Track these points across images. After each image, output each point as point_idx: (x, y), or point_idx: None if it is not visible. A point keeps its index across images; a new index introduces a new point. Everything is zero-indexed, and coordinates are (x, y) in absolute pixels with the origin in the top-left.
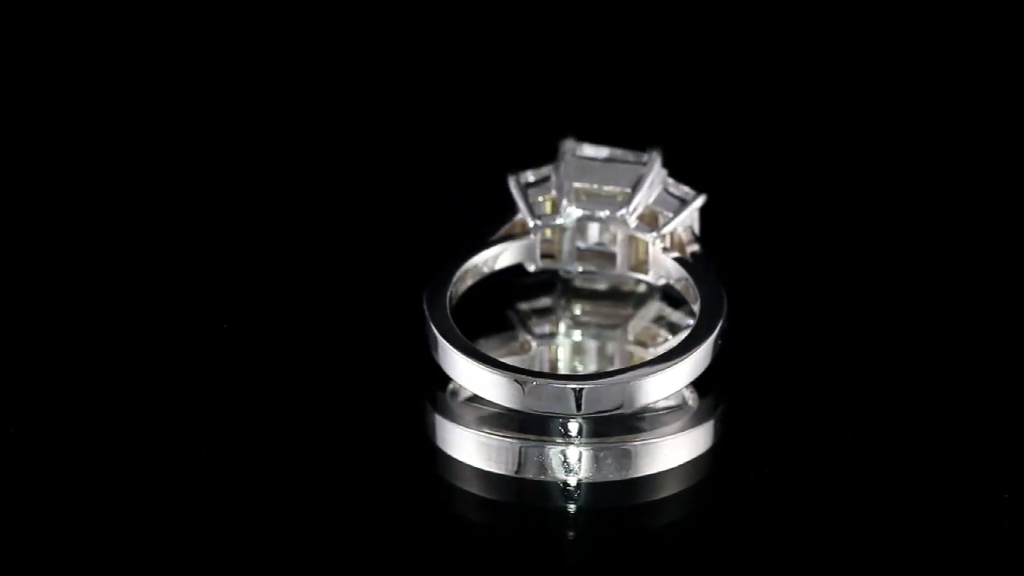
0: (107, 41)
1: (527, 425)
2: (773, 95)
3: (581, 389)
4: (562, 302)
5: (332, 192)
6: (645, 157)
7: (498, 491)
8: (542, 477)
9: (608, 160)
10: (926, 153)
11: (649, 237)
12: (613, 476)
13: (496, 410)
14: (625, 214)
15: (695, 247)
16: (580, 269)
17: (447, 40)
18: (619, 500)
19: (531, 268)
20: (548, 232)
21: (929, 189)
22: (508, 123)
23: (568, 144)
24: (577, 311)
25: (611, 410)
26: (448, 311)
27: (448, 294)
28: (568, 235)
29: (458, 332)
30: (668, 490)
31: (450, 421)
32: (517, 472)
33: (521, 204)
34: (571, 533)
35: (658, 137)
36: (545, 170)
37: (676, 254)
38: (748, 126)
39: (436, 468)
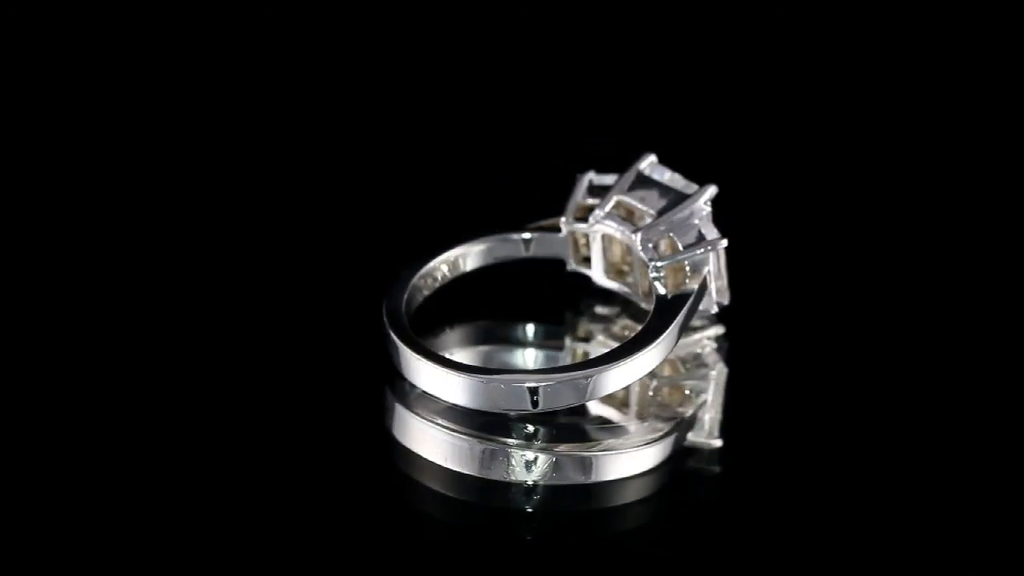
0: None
1: (486, 422)
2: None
3: (537, 387)
4: (619, 313)
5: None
6: (695, 189)
7: (456, 488)
8: (501, 476)
9: (662, 184)
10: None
11: (650, 265)
12: (571, 480)
13: (454, 405)
14: (637, 237)
15: (691, 287)
16: (605, 283)
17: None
18: (577, 504)
19: (568, 268)
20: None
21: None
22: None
23: (643, 159)
24: (616, 325)
25: (567, 406)
26: (403, 312)
27: (406, 294)
28: (599, 246)
29: (410, 333)
30: (627, 497)
31: (409, 413)
32: (476, 471)
33: (569, 202)
34: (527, 534)
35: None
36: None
37: (669, 290)
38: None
39: (394, 460)
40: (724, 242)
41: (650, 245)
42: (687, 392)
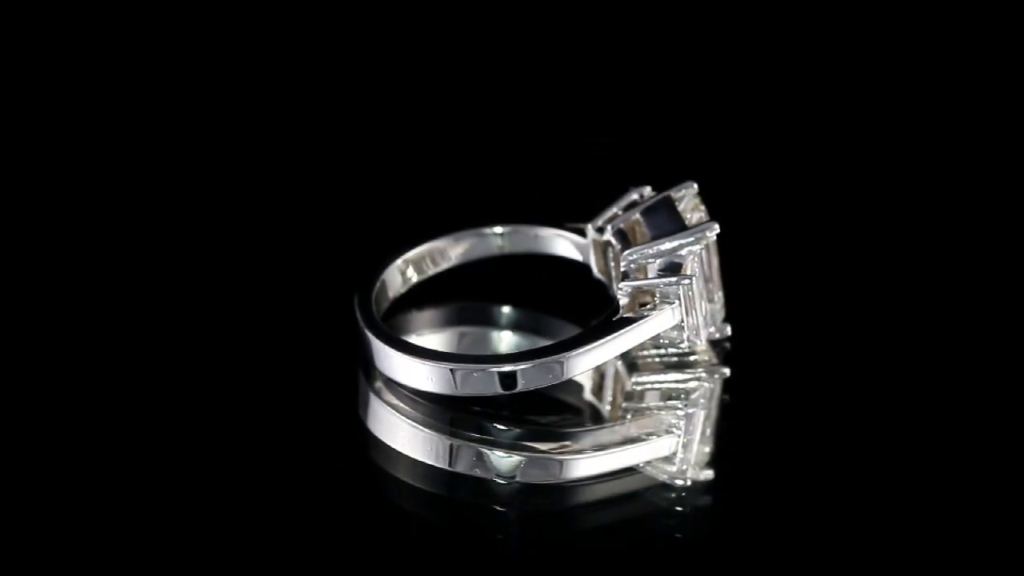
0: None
1: (456, 417)
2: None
3: (514, 371)
4: None
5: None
6: (712, 221)
7: (426, 480)
8: (469, 472)
9: (678, 213)
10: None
11: (619, 285)
12: (538, 479)
13: (428, 400)
14: (624, 256)
15: (646, 314)
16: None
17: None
18: (544, 503)
19: (593, 275)
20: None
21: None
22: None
23: (681, 187)
24: None
25: (539, 388)
26: (373, 301)
27: (376, 286)
28: (614, 260)
29: (380, 323)
30: (589, 498)
31: (381, 404)
32: (446, 465)
33: (605, 211)
34: (493, 531)
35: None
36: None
37: (624, 311)
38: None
39: (366, 449)
40: (692, 281)
41: (633, 267)
42: (659, 422)
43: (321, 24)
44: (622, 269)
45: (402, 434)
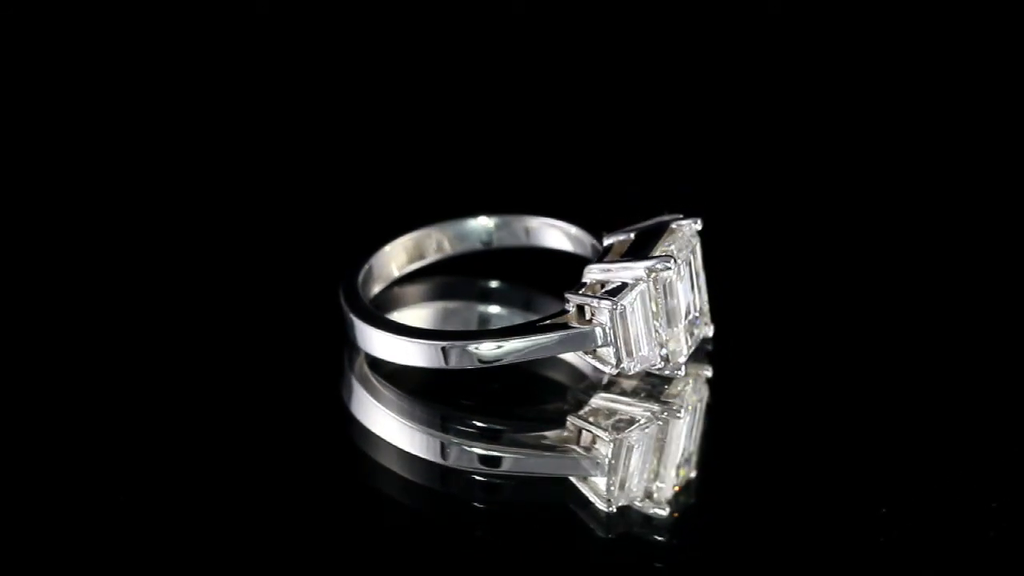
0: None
1: (444, 414)
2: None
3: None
4: None
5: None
6: (670, 255)
7: (412, 470)
8: (454, 465)
9: (657, 241)
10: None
11: (567, 293)
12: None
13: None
14: (586, 268)
15: (577, 326)
16: None
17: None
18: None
19: None
20: None
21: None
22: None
23: (689, 220)
24: None
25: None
26: (358, 289)
27: (362, 272)
28: None
29: (367, 305)
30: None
31: (370, 397)
32: (432, 457)
33: (626, 226)
34: (472, 525)
35: None
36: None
37: (565, 320)
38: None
39: (351, 436)
40: (619, 305)
41: (596, 280)
42: (593, 442)
43: (316, 18)
44: (582, 280)
45: (385, 423)
